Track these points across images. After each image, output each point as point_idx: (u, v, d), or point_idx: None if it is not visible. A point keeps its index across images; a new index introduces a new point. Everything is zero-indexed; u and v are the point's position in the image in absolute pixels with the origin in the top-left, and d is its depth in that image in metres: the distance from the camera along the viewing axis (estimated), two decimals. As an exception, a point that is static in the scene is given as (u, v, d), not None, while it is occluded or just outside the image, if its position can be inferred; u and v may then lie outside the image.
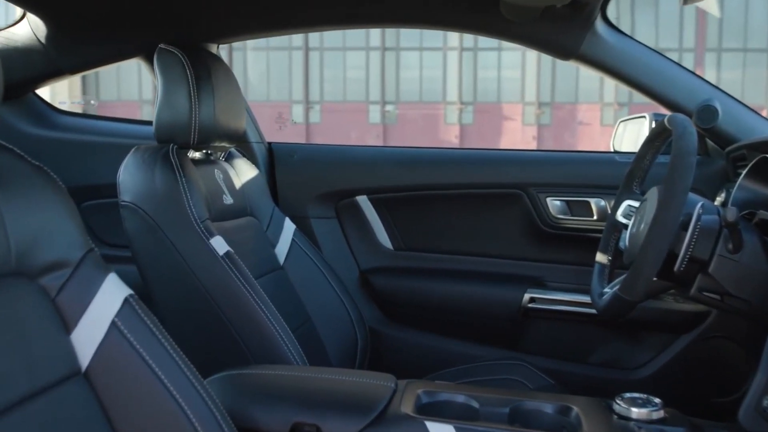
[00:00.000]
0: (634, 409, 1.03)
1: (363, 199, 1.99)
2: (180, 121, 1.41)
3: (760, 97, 16.77)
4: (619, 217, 1.40)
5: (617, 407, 1.05)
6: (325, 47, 19.14)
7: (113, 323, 0.87)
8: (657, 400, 1.05)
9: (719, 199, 1.54)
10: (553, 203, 1.86)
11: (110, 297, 0.88)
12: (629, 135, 2.05)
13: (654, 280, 1.14)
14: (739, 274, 1.11)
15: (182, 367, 0.90)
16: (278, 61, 19.29)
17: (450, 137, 18.67)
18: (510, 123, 18.67)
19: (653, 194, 1.21)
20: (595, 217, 1.82)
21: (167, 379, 0.88)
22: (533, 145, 18.18)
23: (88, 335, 0.86)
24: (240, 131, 1.59)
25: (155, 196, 1.34)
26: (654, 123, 1.74)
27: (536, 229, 1.90)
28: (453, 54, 18.66)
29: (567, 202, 1.85)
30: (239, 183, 1.64)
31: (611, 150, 2.08)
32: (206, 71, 1.46)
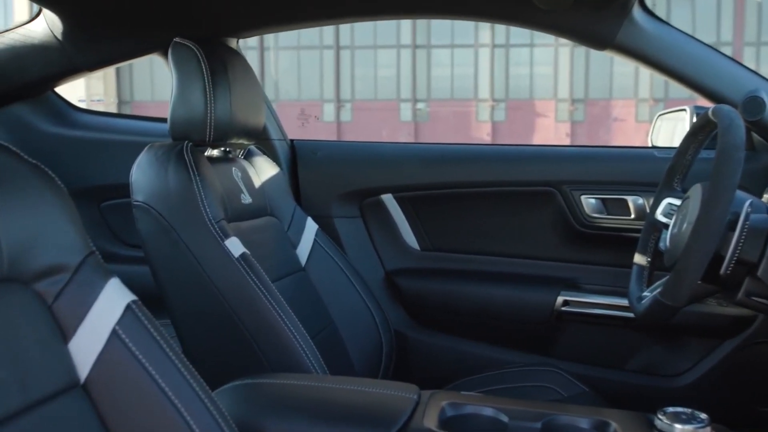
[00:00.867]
0: (678, 426, 0.95)
1: (388, 198, 1.93)
2: (195, 118, 1.37)
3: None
4: (659, 216, 1.34)
5: (659, 423, 0.97)
6: (356, 45, 19.17)
7: (114, 331, 0.82)
8: (703, 416, 0.97)
9: (767, 197, 1.45)
10: (588, 201, 1.78)
11: (111, 303, 0.83)
12: (668, 129, 1.98)
13: (698, 284, 1.07)
14: None
15: (188, 379, 0.85)
16: (309, 60, 19.37)
17: (482, 135, 18.58)
18: (543, 120, 18.53)
19: (696, 192, 1.14)
20: (633, 216, 1.75)
21: (171, 391, 0.82)
22: (566, 143, 17.97)
23: (87, 344, 0.81)
24: (258, 128, 1.54)
25: (168, 196, 1.30)
26: (695, 116, 1.66)
27: (570, 229, 1.83)
28: (485, 51, 18.57)
29: (603, 200, 1.77)
30: (259, 181, 1.59)
31: (649, 145, 2.00)
32: (222, 65, 1.41)
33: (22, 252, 0.77)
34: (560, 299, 1.78)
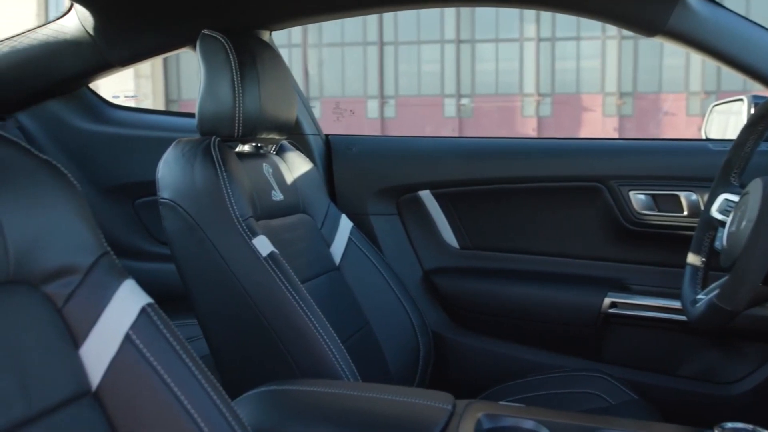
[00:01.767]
0: (739, 445, 0.86)
1: (426, 194, 1.87)
2: (223, 112, 1.33)
3: None
4: (715, 213, 1.26)
5: None
6: (400, 41, 19.20)
7: (127, 336, 0.77)
8: None
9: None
10: (637, 197, 1.70)
11: (125, 306, 0.79)
12: (723, 121, 1.88)
13: (758, 286, 1.00)
14: None
15: (205, 387, 0.80)
16: (353, 57, 19.45)
17: (527, 130, 18.43)
18: (590, 114, 18.32)
19: (757, 187, 1.07)
20: (686, 213, 1.66)
21: (187, 400, 0.78)
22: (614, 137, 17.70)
23: (100, 350, 0.76)
24: (290, 122, 1.49)
25: (194, 193, 1.26)
26: (753, 106, 1.56)
27: (618, 227, 1.75)
28: (530, 45, 18.44)
29: (653, 196, 1.69)
30: (291, 178, 1.55)
31: (703, 138, 1.90)
32: (251, 58, 1.36)
33: (30, 252, 0.73)
34: (607, 301, 1.70)
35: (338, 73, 19.54)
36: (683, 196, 1.66)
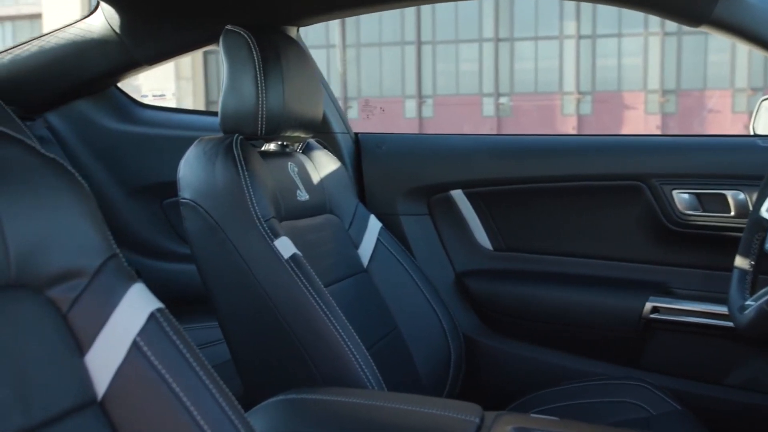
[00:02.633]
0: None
1: (458, 194, 1.82)
2: (245, 109, 1.30)
3: None
4: (765, 214, 1.20)
5: None
6: (438, 40, 19.20)
7: (135, 343, 0.74)
8: None
9: None
10: (681, 197, 1.63)
11: (133, 311, 0.75)
12: (773, 116, 1.78)
13: None
14: None
15: (216, 397, 0.76)
16: (391, 56, 19.51)
17: (567, 129, 18.28)
18: (631, 112, 18.10)
19: None
20: (733, 213, 1.59)
21: (197, 411, 0.74)
22: (657, 136, 17.47)
23: (106, 357, 0.73)
24: (316, 120, 1.46)
25: (215, 193, 1.23)
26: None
27: (660, 227, 1.68)
28: (570, 42, 18.29)
29: (697, 196, 1.62)
30: (317, 177, 1.51)
31: (751, 133, 1.81)
32: (275, 53, 1.33)
33: (34, 255, 0.70)
34: (649, 305, 1.64)
35: (376, 73, 19.62)
36: (730, 196, 1.59)
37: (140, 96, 2.04)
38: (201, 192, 1.25)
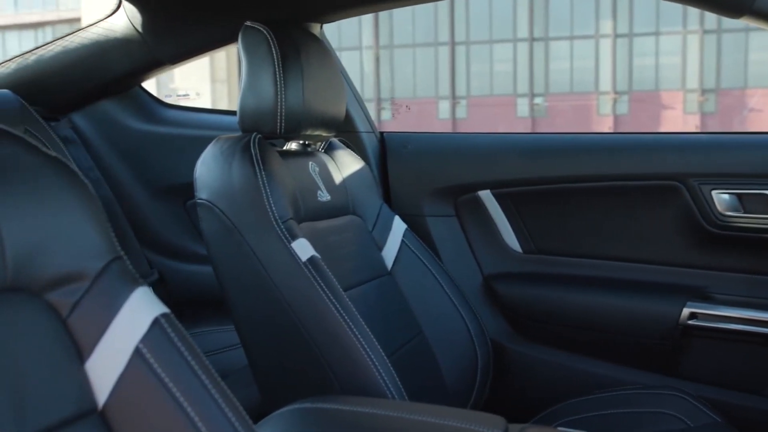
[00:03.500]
0: None
1: (486, 194, 1.77)
2: (264, 107, 1.27)
3: None
4: None
5: None
6: (472, 41, 19.17)
7: (137, 350, 0.70)
8: None
9: None
10: (721, 197, 1.57)
11: (136, 317, 0.72)
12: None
13: None
14: None
15: (222, 407, 0.73)
16: (424, 57, 19.54)
17: (603, 129, 18.16)
18: (669, 112, 17.89)
19: None
20: None
21: (201, 422, 0.70)
22: (696, 135, 17.27)
23: (107, 364, 0.70)
24: (337, 118, 1.42)
25: (232, 193, 1.20)
26: None
27: (698, 229, 1.61)
28: (606, 41, 18.13)
29: (738, 196, 1.55)
30: (340, 177, 1.47)
31: (796, 131, 1.74)
32: (295, 50, 1.29)
33: (32, 257, 0.68)
34: (686, 311, 1.58)
35: (409, 75, 19.66)
36: None
37: (164, 96, 2.03)
38: (217, 192, 1.22)
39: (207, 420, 0.70)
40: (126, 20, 1.68)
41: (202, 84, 17.43)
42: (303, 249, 1.17)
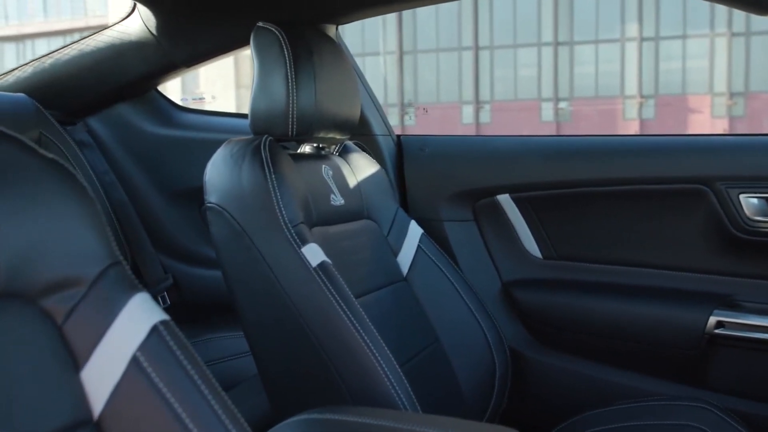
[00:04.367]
0: None
1: (505, 199, 1.74)
2: (276, 109, 1.25)
3: None
4: None
5: None
6: (496, 45, 19.13)
7: (134, 358, 0.68)
8: None
9: None
10: (749, 201, 1.52)
11: (133, 324, 0.70)
12: None
13: None
14: None
15: (222, 419, 0.70)
16: (448, 62, 19.54)
17: (629, 133, 17.95)
18: (697, 116, 17.69)
19: None
20: None
21: None
22: (724, 140, 17.07)
23: (103, 373, 0.68)
24: (352, 121, 1.39)
25: (241, 196, 1.18)
26: None
27: (725, 235, 1.57)
28: (632, 45, 18.00)
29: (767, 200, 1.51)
30: (354, 181, 1.45)
31: (828, 133, 1.69)
32: (307, 51, 1.27)
33: (27, 262, 0.66)
34: (713, 320, 1.53)
35: (433, 79, 19.67)
36: None
37: (179, 100, 2.02)
38: (227, 195, 1.20)
39: (206, 430, 0.68)
40: (141, 23, 1.67)
41: (227, 90, 17.58)
42: (313, 254, 1.14)
